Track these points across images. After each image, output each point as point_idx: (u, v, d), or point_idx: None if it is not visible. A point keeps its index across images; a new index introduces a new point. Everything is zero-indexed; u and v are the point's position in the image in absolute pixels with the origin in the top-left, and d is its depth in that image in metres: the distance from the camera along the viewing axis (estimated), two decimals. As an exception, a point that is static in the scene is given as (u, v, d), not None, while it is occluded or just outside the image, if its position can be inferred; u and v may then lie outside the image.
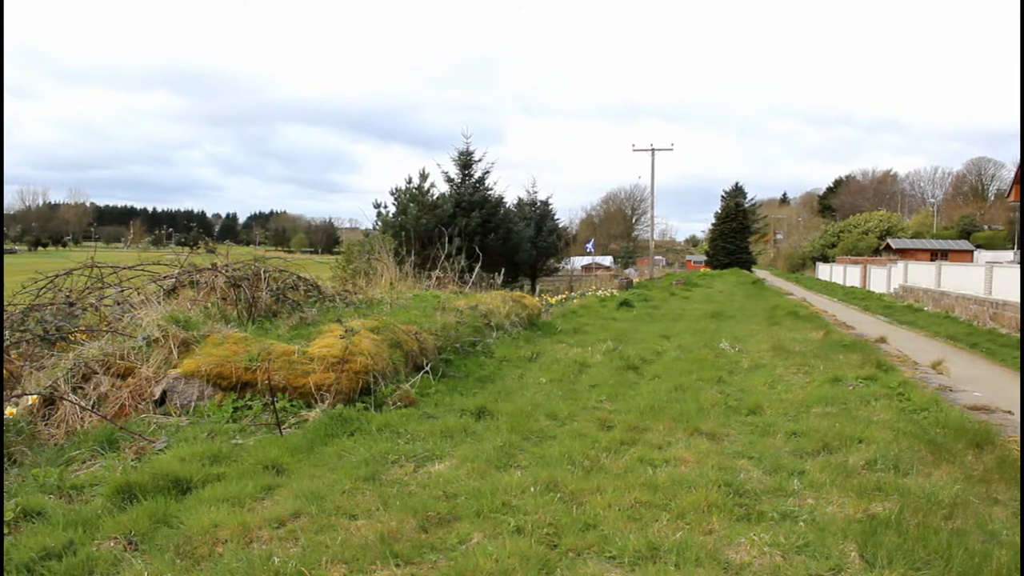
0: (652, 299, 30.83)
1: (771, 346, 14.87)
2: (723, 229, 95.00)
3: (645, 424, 8.35)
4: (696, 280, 52.13)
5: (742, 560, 4.85)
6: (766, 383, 11.16)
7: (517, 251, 38.48)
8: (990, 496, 6.10)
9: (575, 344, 15.27)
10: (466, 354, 12.40)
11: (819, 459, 7.13)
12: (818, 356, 13.61)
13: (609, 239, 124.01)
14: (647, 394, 10.10)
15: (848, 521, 5.46)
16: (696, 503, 5.71)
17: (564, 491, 6.03)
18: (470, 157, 38.08)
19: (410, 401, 9.13)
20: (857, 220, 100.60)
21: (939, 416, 8.87)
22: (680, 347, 15.11)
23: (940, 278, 39.30)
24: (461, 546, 5.02)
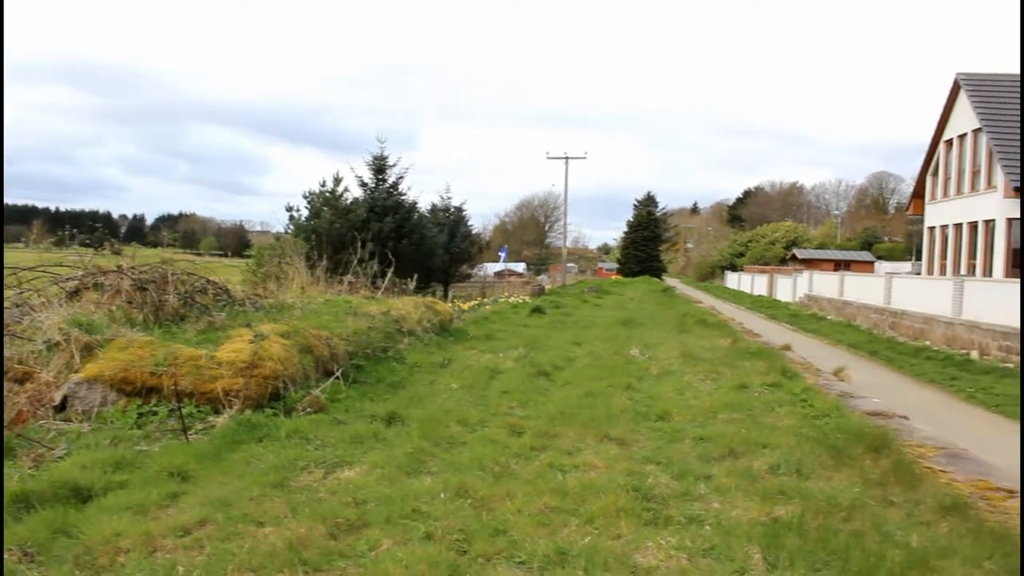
0: (564, 306, 31.04)
1: (680, 353, 15.09)
2: (635, 237, 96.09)
3: (556, 430, 8.41)
4: (608, 287, 52.64)
5: (649, 564, 4.92)
6: (675, 389, 11.33)
7: (430, 257, 38.36)
8: (886, 498, 6.29)
9: (487, 350, 15.30)
10: (378, 360, 12.34)
11: (725, 464, 7.27)
12: (725, 363, 13.87)
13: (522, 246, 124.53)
14: (558, 400, 10.18)
15: (752, 524, 5.57)
16: (605, 508, 5.78)
17: (474, 497, 6.04)
18: (384, 162, 37.85)
19: (320, 407, 9.05)
20: (765, 230, 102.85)
21: (840, 422, 9.12)
22: (591, 354, 15.25)
23: (843, 288, 40.42)
24: (371, 552, 5.00)
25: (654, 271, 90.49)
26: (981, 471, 7.68)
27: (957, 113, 34.61)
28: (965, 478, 7.26)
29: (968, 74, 33.70)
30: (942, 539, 5.37)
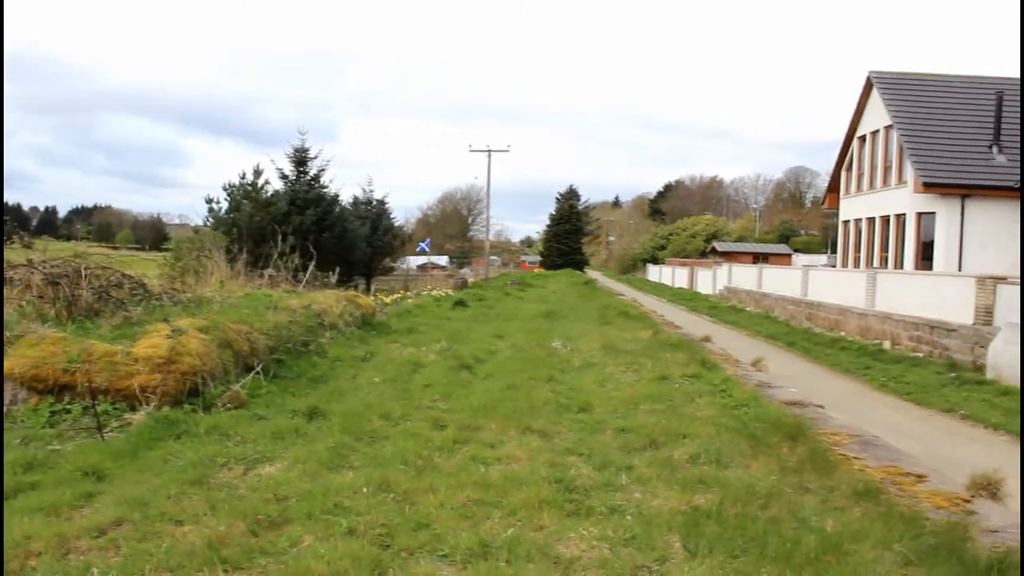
0: (487, 299, 31.07)
1: (602, 345, 15.22)
2: (557, 230, 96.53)
3: (478, 423, 8.42)
4: (530, 280, 52.81)
5: (572, 554, 4.96)
6: (596, 381, 11.42)
7: (352, 250, 38.08)
8: (802, 486, 6.44)
9: (409, 344, 15.25)
10: (299, 354, 12.21)
11: (646, 454, 7.36)
12: (647, 355, 14.02)
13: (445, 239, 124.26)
14: (480, 393, 10.20)
15: (673, 513, 5.66)
16: (527, 500, 5.81)
17: (397, 491, 6.03)
18: (306, 154, 37.45)
19: (240, 402, 8.92)
20: (685, 224, 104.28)
21: (758, 411, 9.30)
22: (513, 346, 15.30)
23: (761, 280, 41.16)
24: (292, 549, 4.95)
25: (576, 264, 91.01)
26: (892, 457, 7.91)
27: (870, 110, 35.46)
28: (877, 464, 7.46)
29: (880, 73, 34.54)
30: (855, 523, 5.51)
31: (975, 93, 32.63)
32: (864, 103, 35.98)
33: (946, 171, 29.44)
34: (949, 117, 31.79)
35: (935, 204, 29.67)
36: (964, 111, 31.99)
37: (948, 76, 34.40)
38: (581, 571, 4.74)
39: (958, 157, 30.01)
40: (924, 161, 29.84)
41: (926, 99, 32.69)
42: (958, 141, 30.64)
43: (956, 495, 6.58)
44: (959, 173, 29.38)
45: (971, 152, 30.28)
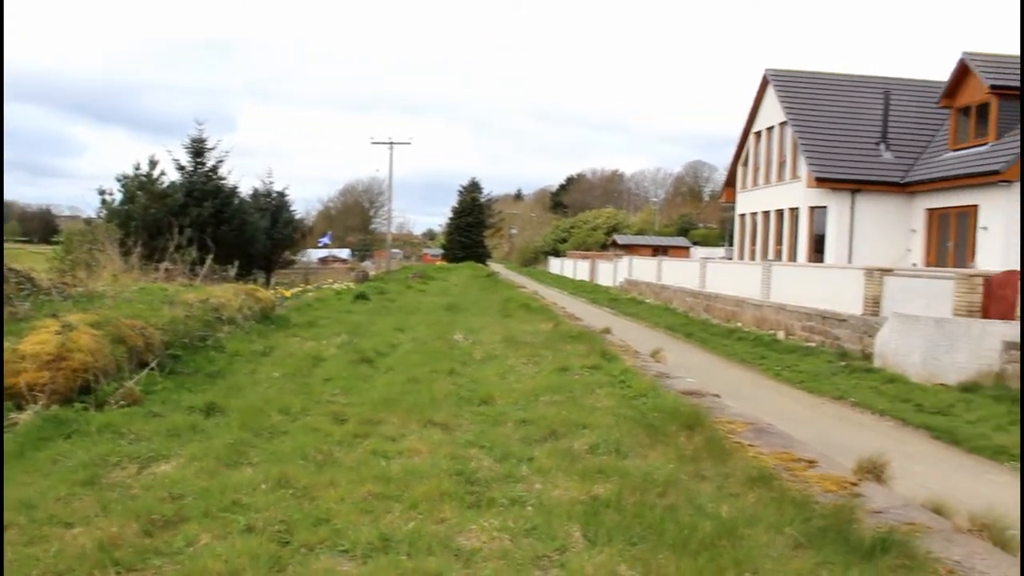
0: (388, 292, 30.91)
1: (503, 338, 15.29)
2: (459, 223, 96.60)
3: (379, 416, 8.39)
4: (432, 273, 52.69)
5: (473, 546, 4.98)
6: (498, 374, 11.48)
7: (252, 243, 37.41)
8: (699, 473, 6.58)
9: (310, 337, 15.08)
10: (196, 349, 11.96)
11: (547, 445, 7.42)
12: (547, 347, 14.13)
13: (347, 232, 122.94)
14: (381, 387, 10.15)
15: (573, 503, 5.72)
16: (429, 493, 5.81)
17: (296, 486, 5.97)
18: (203, 144, 36.60)
19: (134, 399, 8.70)
20: (587, 216, 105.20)
21: (656, 401, 9.46)
22: (415, 340, 15.26)
23: (661, 273, 41.82)
24: (188, 548, 4.86)
25: (478, 257, 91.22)
26: (785, 444, 8.14)
27: (765, 107, 36.31)
28: (771, 451, 7.67)
29: (776, 70, 35.40)
30: (749, 509, 5.67)
31: (864, 92, 33.69)
32: (760, 100, 36.83)
33: (837, 167, 30.36)
34: (840, 114, 32.76)
35: (827, 198, 30.57)
36: (854, 109, 33.01)
37: (839, 75, 35.44)
38: (482, 562, 4.77)
39: (848, 153, 30.97)
40: (817, 157, 30.71)
41: (819, 97, 33.63)
42: (848, 138, 31.61)
43: (844, 479, 6.81)
44: (849, 169, 30.32)
45: (860, 149, 31.27)
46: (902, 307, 19.28)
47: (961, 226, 27.19)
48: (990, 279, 17.87)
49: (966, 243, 26.65)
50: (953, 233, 27.64)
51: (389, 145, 68.96)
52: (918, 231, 29.41)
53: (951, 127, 29.30)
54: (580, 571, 4.55)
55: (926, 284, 19.69)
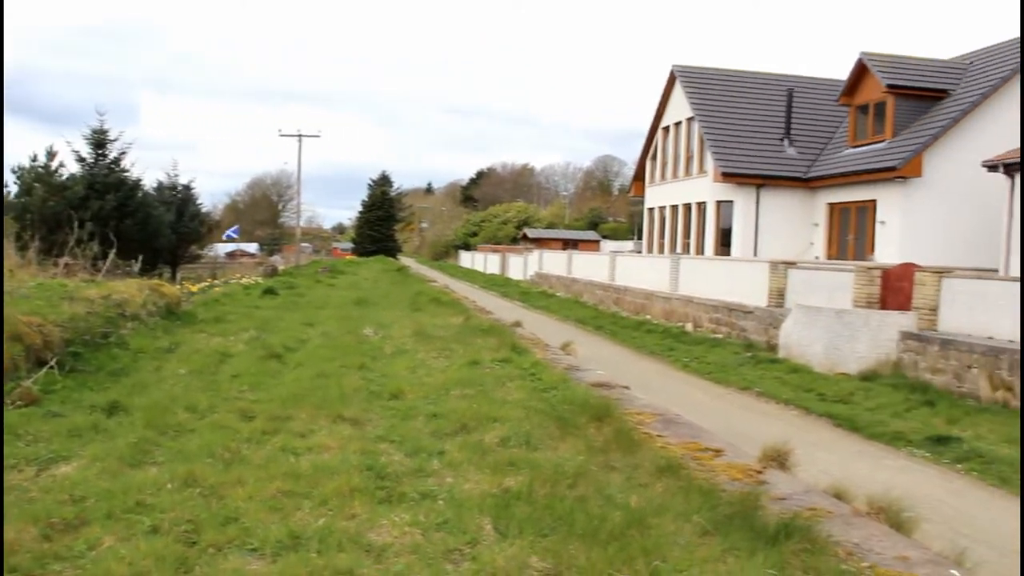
0: (298, 286, 30.53)
1: (414, 332, 15.24)
2: (370, 217, 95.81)
3: (288, 413, 8.28)
4: (342, 268, 52.22)
5: (384, 541, 4.95)
6: (408, 368, 11.44)
7: (156, 237, 36.63)
8: (608, 464, 6.65)
9: (217, 333, 14.81)
10: (98, 347, 11.63)
11: (458, 439, 7.42)
12: (458, 341, 14.13)
13: (255, 225, 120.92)
14: (290, 382, 10.03)
15: (484, 496, 5.73)
16: (339, 489, 5.76)
17: (203, 485, 5.85)
18: (105, 136, 35.70)
19: (32, 399, 8.42)
20: (497, 210, 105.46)
21: (566, 394, 9.53)
22: (324, 334, 15.10)
23: (571, 266, 42.15)
24: (90, 552, 4.73)
25: (389, 251, 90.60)
26: (693, 434, 8.28)
27: (673, 102, 36.84)
28: (679, 441, 7.79)
29: (683, 67, 35.94)
30: (657, 498, 5.75)
31: (768, 89, 34.43)
32: (668, 96, 37.35)
33: (743, 162, 30.98)
34: (745, 111, 33.43)
35: (733, 193, 31.17)
36: (759, 106, 33.72)
37: (744, 72, 36.15)
38: (393, 557, 4.74)
39: (754, 149, 31.62)
40: (723, 152, 31.29)
41: (725, 93, 34.25)
42: (753, 134, 32.28)
43: (750, 467, 6.97)
44: (755, 164, 30.97)
45: (765, 144, 31.97)
46: (805, 299, 19.80)
47: (860, 220, 28.00)
48: (888, 272, 18.46)
49: (865, 237, 27.46)
50: (853, 227, 28.45)
51: (298, 138, 68.03)
52: (820, 225, 30.19)
53: (850, 124, 30.13)
54: (491, 564, 4.56)
55: (827, 277, 20.26)
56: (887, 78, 27.58)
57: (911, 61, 29.02)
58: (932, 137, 25.35)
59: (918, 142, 25.54)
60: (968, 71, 28.15)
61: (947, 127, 25.40)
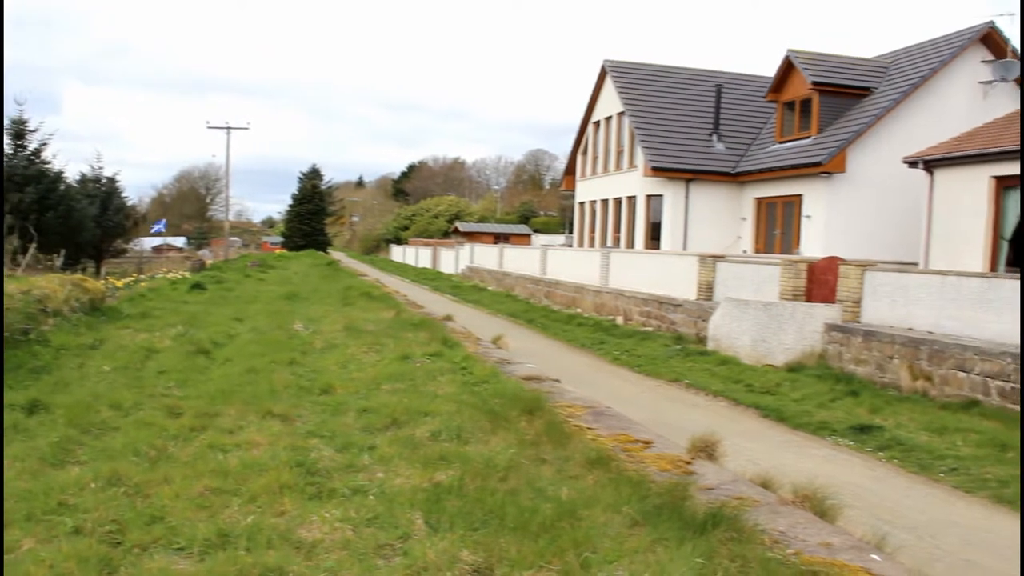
0: (226, 281, 30.11)
1: (344, 326, 15.14)
2: (300, 211, 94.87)
3: (216, 409, 8.17)
4: (272, 262, 51.64)
5: (314, 538, 4.92)
6: (338, 363, 11.36)
7: (79, 231, 35.82)
8: (539, 457, 6.68)
9: (143, 329, 14.54)
10: (17, 344, 11.34)
11: (388, 434, 7.40)
12: (389, 335, 14.06)
13: (182, 219, 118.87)
14: (219, 378, 9.90)
15: (415, 491, 5.72)
16: (268, 485, 5.70)
17: (128, 484, 5.74)
18: (24, 126, 34.78)
19: (-52, 398, 8.19)
20: (428, 204, 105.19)
21: (497, 387, 9.56)
22: (254, 329, 14.92)
23: (502, 260, 42.21)
24: (9, 555, 4.61)
25: (319, 245, 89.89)
26: (623, 426, 8.35)
27: (604, 97, 37.03)
28: (609, 433, 7.85)
29: (614, 62, 36.15)
30: (588, 490, 5.79)
31: (698, 85, 34.80)
32: (599, 90, 37.54)
33: (672, 157, 31.27)
34: (675, 106, 33.74)
35: (663, 187, 31.45)
36: (688, 101, 34.06)
37: (675, 68, 36.47)
38: (324, 554, 4.71)
39: (683, 144, 31.95)
40: (653, 147, 31.55)
41: (655, 88, 34.53)
42: (683, 129, 32.60)
43: (679, 458, 7.05)
44: (684, 159, 31.28)
45: (694, 139, 32.32)
46: (733, 292, 20.09)
47: (787, 215, 28.48)
48: (813, 265, 18.82)
49: (792, 231, 27.93)
50: (780, 221, 28.91)
51: (226, 130, 66.97)
52: (748, 219, 30.64)
53: (777, 120, 30.61)
54: (422, 558, 4.55)
55: (755, 270, 20.58)
56: (813, 75, 28.07)
57: (836, 59, 29.59)
58: (855, 133, 25.88)
59: (842, 138, 26.05)
60: (890, 70, 28.79)
61: (870, 124, 25.95)
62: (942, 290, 15.18)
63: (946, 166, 19.98)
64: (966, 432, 11.50)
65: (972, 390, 13.56)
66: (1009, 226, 18.59)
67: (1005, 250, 18.66)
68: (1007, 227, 18.62)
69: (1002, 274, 16.81)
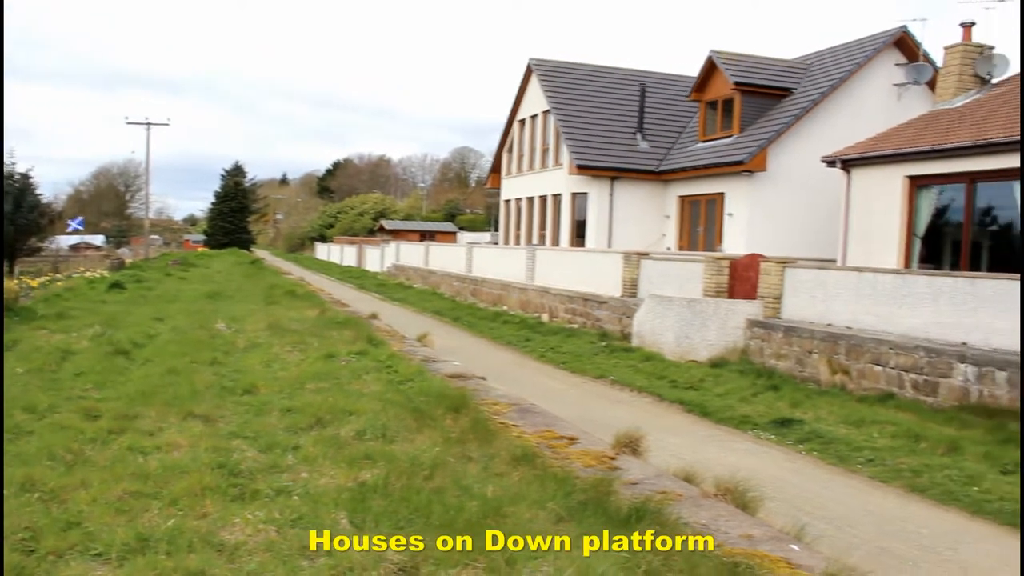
0: (147, 280, 29.58)
1: (268, 325, 14.98)
2: (223, 208, 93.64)
3: (136, 411, 8.01)
4: (194, 260, 50.90)
5: (237, 540, 4.85)
6: (262, 362, 11.24)
7: (-10, 229, 34.73)
8: (465, 455, 6.69)
9: (59, 330, 14.18)
10: (-76, 346, 10.99)
11: (313, 433, 7.33)
12: (313, 334, 13.95)
13: (101, 217, 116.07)
14: (138, 379, 9.71)
15: (340, 490, 5.68)
16: (190, 488, 5.61)
17: (43, 490, 5.59)
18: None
19: None
20: (354, 202, 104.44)
21: (423, 385, 9.55)
22: (175, 329, 14.67)
23: (428, 258, 42.10)
24: (-85, 565, 4.46)
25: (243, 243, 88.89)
26: (548, 423, 8.40)
27: (530, 95, 37.11)
28: (534, 430, 7.90)
29: (539, 60, 36.25)
30: (513, 487, 5.82)
31: (623, 84, 35.07)
32: (525, 88, 37.62)
33: (597, 155, 31.47)
34: (600, 105, 33.96)
35: (588, 185, 31.64)
36: (613, 100, 34.30)
37: (599, 67, 36.70)
38: (247, 556, 4.65)
39: (608, 142, 32.17)
40: (578, 145, 31.72)
41: (580, 87, 34.71)
42: (608, 127, 32.82)
43: (603, 454, 7.12)
44: (609, 157, 31.50)
45: (619, 138, 32.57)
46: (658, 289, 20.32)
47: (710, 212, 28.88)
48: (735, 262, 19.13)
49: (714, 228, 28.33)
50: (703, 219, 29.31)
51: (146, 126, 65.67)
52: (672, 217, 30.98)
53: (700, 120, 31.01)
54: (347, 558, 4.52)
55: (679, 267, 20.84)
56: (734, 76, 28.50)
57: (757, 60, 30.09)
58: (776, 133, 26.36)
59: (763, 138, 26.51)
60: (809, 71, 29.38)
61: (790, 124, 26.44)
62: (859, 286, 15.55)
63: (862, 165, 20.45)
64: (882, 424, 11.79)
65: (888, 383, 13.92)
66: (922, 224, 19.10)
67: (918, 247, 19.18)
68: (920, 225, 19.13)
69: (915, 270, 17.30)
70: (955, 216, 18.64)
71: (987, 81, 22.08)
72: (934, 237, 19.14)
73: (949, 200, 18.76)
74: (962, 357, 12.80)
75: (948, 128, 19.06)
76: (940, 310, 13.83)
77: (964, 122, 19.02)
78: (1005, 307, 12.76)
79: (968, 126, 18.52)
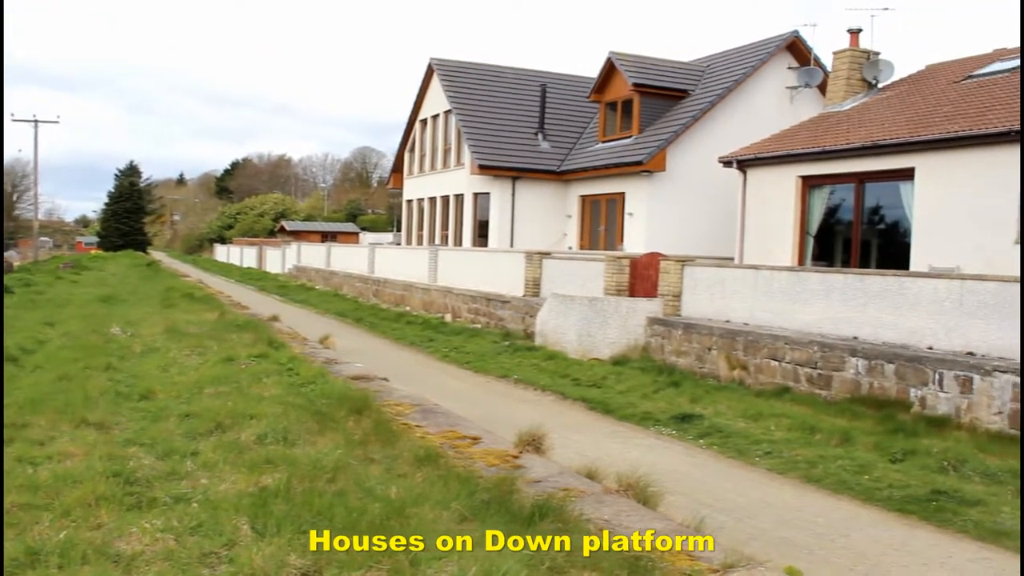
0: (36, 284, 28.64)
1: (165, 329, 14.66)
2: (117, 209, 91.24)
3: (25, 420, 7.75)
4: (87, 263, 49.48)
5: (134, 550, 4.73)
6: (159, 367, 11.01)
7: None
8: (367, 457, 6.66)
9: (-59, 337, 13.64)
10: None
11: (212, 439, 7.21)
12: (212, 337, 13.71)
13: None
14: (28, 387, 9.40)
15: (240, 496, 5.59)
16: (83, 498, 5.46)
17: (-76, 505, 5.38)
18: None
19: None
20: (254, 202, 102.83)
21: (325, 388, 9.47)
22: (67, 334, 14.26)
23: (330, 259, 41.70)
24: None
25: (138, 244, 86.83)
26: (451, 423, 8.42)
27: (431, 95, 37.02)
28: (437, 431, 7.90)
29: (441, 60, 36.19)
30: (417, 488, 5.82)
31: (524, 84, 35.26)
32: (426, 88, 37.51)
33: (499, 155, 31.57)
34: (501, 105, 34.07)
35: (490, 185, 31.72)
36: (514, 100, 34.46)
37: (501, 67, 36.82)
38: (144, 566, 4.55)
39: (509, 142, 32.30)
40: (479, 145, 31.77)
41: (482, 87, 34.78)
42: (509, 127, 32.96)
43: (507, 452, 7.17)
44: (510, 157, 31.63)
45: (520, 138, 32.72)
46: (560, 288, 20.50)
47: (611, 212, 29.22)
48: (636, 261, 19.41)
49: (615, 228, 28.68)
50: (604, 218, 29.64)
51: (33, 123, 63.46)
52: (573, 216, 31.26)
53: (600, 120, 31.37)
54: (249, 564, 4.46)
55: (580, 266, 21.07)
56: (633, 77, 28.91)
57: (656, 62, 30.57)
58: (674, 134, 26.81)
59: (662, 138, 26.95)
60: (706, 74, 29.99)
61: (687, 125, 26.94)
62: (755, 283, 15.95)
63: (757, 166, 20.98)
64: (779, 417, 12.11)
65: (784, 378, 14.31)
66: (815, 223, 19.70)
67: (812, 245, 19.77)
68: (813, 223, 19.73)
69: (809, 268, 17.80)
70: (846, 215, 19.30)
71: (874, 85, 22.93)
72: (826, 235, 19.76)
73: (840, 200, 19.41)
74: (853, 351, 13.24)
75: (838, 130, 19.71)
76: (832, 306, 14.29)
77: (853, 124, 19.69)
78: (892, 303, 13.26)
79: (857, 128, 19.18)
